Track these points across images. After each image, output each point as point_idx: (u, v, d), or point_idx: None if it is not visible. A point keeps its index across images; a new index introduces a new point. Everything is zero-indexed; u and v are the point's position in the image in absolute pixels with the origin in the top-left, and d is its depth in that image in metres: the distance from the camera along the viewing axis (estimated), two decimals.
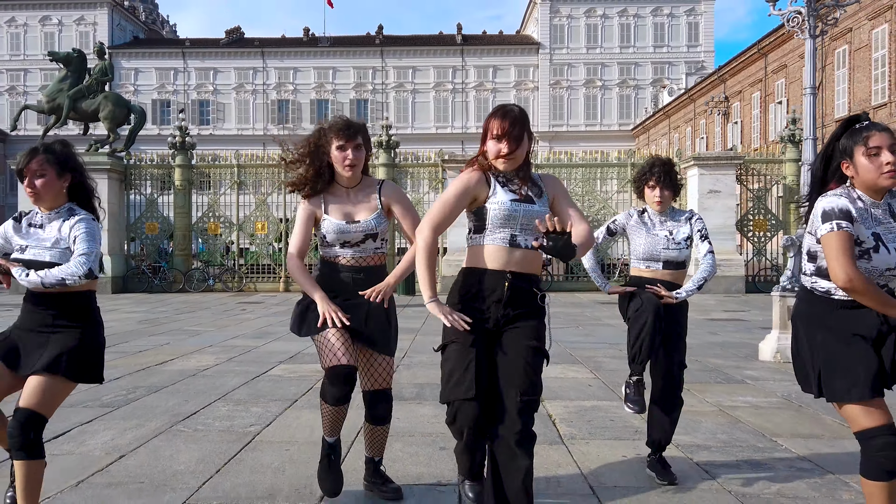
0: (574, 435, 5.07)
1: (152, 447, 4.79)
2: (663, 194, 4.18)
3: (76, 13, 66.83)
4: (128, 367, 7.95)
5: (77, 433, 5.17)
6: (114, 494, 3.87)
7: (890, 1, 30.55)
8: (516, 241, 3.03)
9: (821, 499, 3.81)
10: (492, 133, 3.07)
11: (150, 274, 22.10)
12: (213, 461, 4.48)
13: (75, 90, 21.95)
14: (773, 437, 5.05)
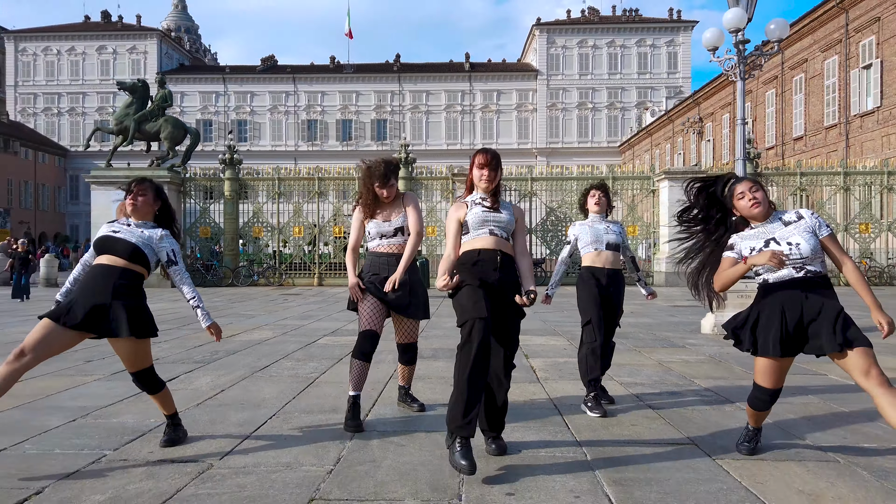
0: (547, 378, 6.26)
1: (242, 386, 5.94)
2: (601, 200, 5.33)
3: (129, 43, 67.96)
4: (206, 339, 9.08)
5: (184, 378, 6.31)
6: (226, 410, 5.02)
7: (839, 35, 31.42)
8: (494, 232, 3.86)
9: (711, 410, 4.97)
10: (478, 163, 3.89)
11: (203, 271, 23.20)
12: (289, 393, 5.63)
13: (140, 114, 22.86)
14: (692, 378, 6.22)
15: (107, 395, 5.52)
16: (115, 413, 4.93)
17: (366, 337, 4.51)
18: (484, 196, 3.93)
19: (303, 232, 23.37)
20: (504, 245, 3.86)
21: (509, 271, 3.83)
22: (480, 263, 3.78)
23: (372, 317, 4.55)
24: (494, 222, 3.86)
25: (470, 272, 3.77)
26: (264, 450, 4.00)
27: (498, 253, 3.80)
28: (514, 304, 3.79)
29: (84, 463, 3.74)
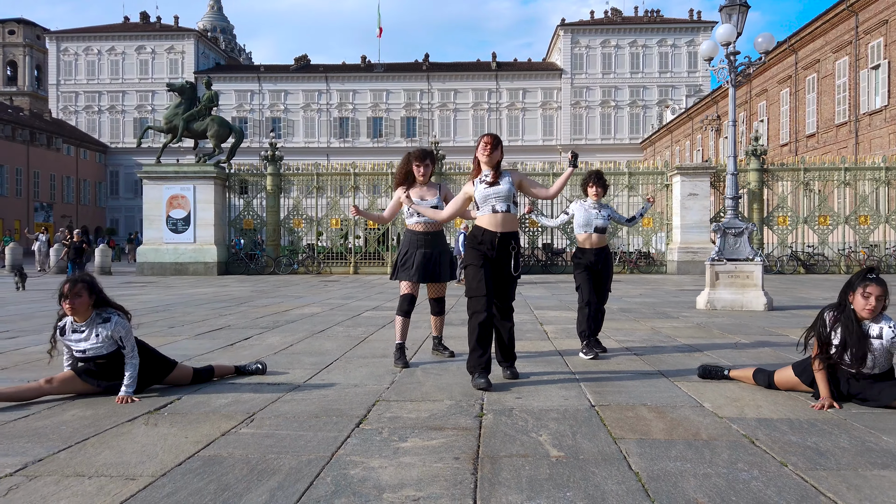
0: (556, 337, 7.42)
1: (306, 343, 7.15)
2: (597, 191, 6.37)
3: (167, 43, 69.61)
4: (265, 313, 10.37)
5: (257, 338, 7.53)
6: (299, 356, 6.23)
7: (850, 37, 32.07)
8: (496, 209, 4.79)
9: (685, 357, 6.09)
10: (482, 143, 4.91)
11: (247, 260, 24.50)
12: (346, 346, 6.85)
13: (188, 114, 23.88)
14: (676, 337, 7.35)
15: (199, 348, 6.77)
16: (211, 358, 6.17)
17: (405, 299, 5.72)
18: (487, 172, 4.89)
19: (339, 224, 24.57)
20: (504, 221, 4.80)
21: (504, 247, 4.79)
22: (483, 243, 4.79)
23: (409, 285, 5.72)
24: (495, 196, 4.79)
25: (475, 251, 4.81)
26: (336, 377, 5.22)
27: (497, 235, 4.76)
28: (509, 271, 4.84)
29: (202, 384, 4.97)
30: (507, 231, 4.81)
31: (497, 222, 4.79)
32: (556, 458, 3.17)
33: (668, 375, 5.22)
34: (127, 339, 4.52)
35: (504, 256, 4.81)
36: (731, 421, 3.85)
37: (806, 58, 36.66)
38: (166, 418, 3.98)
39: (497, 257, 4.79)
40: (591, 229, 6.31)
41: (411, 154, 5.76)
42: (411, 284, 5.72)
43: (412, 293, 5.74)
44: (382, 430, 3.69)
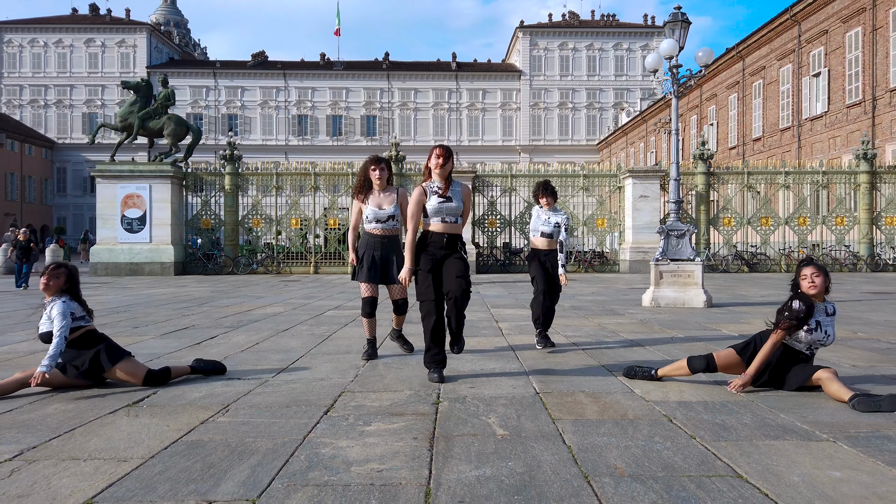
0: (510, 333, 7.92)
1: (272, 340, 7.54)
2: (547, 199, 6.89)
3: (118, 36, 68.31)
4: (228, 313, 10.69)
5: (222, 338, 7.86)
6: (265, 353, 6.63)
7: (793, 45, 33.40)
8: (445, 220, 5.16)
9: (625, 351, 6.63)
10: (435, 154, 5.18)
11: (205, 260, 24.55)
12: (310, 343, 7.26)
13: (144, 112, 23.77)
14: (619, 333, 7.92)
15: (166, 347, 7.12)
16: (180, 357, 6.53)
17: (366, 302, 6.10)
18: (440, 185, 5.21)
19: (299, 223, 24.80)
20: (451, 228, 5.21)
21: (452, 245, 5.21)
22: (430, 245, 5.17)
23: (369, 287, 6.10)
24: (446, 211, 5.17)
25: (423, 258, 5.16)
26: (302, 372, 5.64)
27: (445, 236, 5.17)
28: (455, 266, 5.12)
29: (175, 380, 5.35)
30: (453, 233, 5.24)
31: (446, 228, 5.21)
32: (502, 437, 3.65)
33: (607, 367, 5.75)
34: (58, 318, 4.87)
35: (451, 254, 5.21)
36: (655, 404, 4.38)
37: (753, 64, 37.98)
38: (145, 410, 4.36)
39: (443, 256, 5.19)
40: (537, 234, 6.95)
41: (368, 160, 6.16)
42: (369, 286, 6.10)
43: (371, 295, 6.10)
44: (348, 416, 4.13)
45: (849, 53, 29.33)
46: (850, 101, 29.28)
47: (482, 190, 24.56)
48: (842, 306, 11.10)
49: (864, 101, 28.29)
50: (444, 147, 5.29)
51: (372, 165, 6.06)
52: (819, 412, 4.18)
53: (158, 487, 2.97)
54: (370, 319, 6.17)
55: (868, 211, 23.84)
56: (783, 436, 3.65)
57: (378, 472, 3.11)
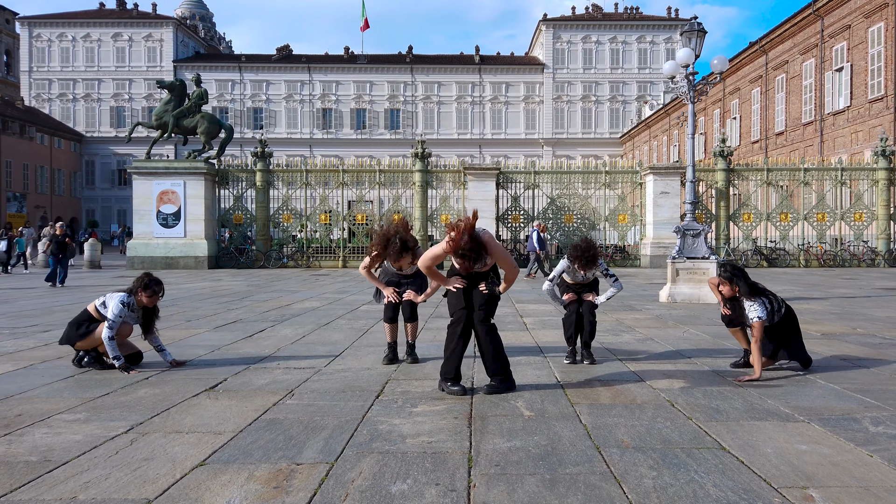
0: (534, 328, 8.66)
1: (316, 335, 8.30)
2: (584, 267, 6.21)
3: (145, 31, 69.25)
4: (269, 307, 11.49)
5: (270, 331, 8.64)
6: (313, 346, 7.40)
7: (816, 40, 33.62)
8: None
9: (638, 344, 7.34)
10: (457, 254, 4.83)
11: (237, 254, 25.44)
12: (351, 337, 8.01)
13: (178, 111, 24.78)
14: (635, 328, 8.61)
15: (223, 339, 7.91)
16: (237, 348, 7.31)
17: (389, 306, 6.33)
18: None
19: (328, 218, 25.60)
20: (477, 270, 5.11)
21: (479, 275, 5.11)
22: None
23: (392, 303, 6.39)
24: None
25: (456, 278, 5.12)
26: (350, 362, 6.40)
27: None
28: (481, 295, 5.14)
29: (240, 369, 6.12)
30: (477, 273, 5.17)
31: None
32: (528, 417, 4.38)
33: (621, 359, 6.46)
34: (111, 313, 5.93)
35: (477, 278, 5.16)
36: (661, 391, 5.10)
37: (775, 59, 38.23)
38: (223, 394, 5.14)
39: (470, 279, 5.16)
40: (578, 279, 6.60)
41: (389, 249, 5.78)
42: (391, 303, 6.31)
43: (393, 302, 6.30)
44: (397, 400, 4.89)
45: (871, 48, 29.57)
46: (872, 95, 29.54)
47: (505, 185, 25.22)
48: (850, 302, 11.71)
49: (887, 97, 28.55)
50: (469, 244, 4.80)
51: (393, 258, 5.85)
52: (802, 398, 4.87)
53: (254, 454, 3.73)
54: (392, 325, 6.38)
55: (886, 207, 24.24)
56: (766, 417, 4.35)
57: (428, 443, 3.85)
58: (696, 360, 6.45)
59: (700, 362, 6.31)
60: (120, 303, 5.93)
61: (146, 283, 6.05)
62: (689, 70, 12.26)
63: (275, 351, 7.05)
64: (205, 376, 5.79)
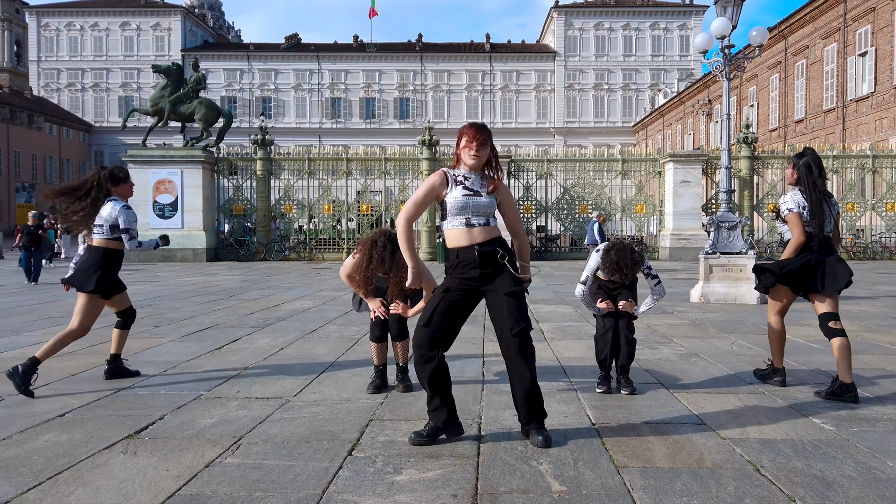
0: (553, 337, 7.27)
1: (297, 346, 6.97)
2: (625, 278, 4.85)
3: (153, 19, 68.09)
4: (255, 308, 10.18)
5: (245, 341, 7.32)
6: (289, 363, 6.06)
7: (838, 24, 32.05)
8: (471, 222, 3.64)
9: (682, 362, 5.97)
10: (466, 137, 3.68)
11: (237, 246, 24.21)
12: (338, 350, 6.68)
13: (175, 96, 23.40)
14: (672, 338, 7.23)
15: (185, 352, 6.58)
16: (196, 365, 5.98)
17: (375, 324, 5.01)
18: (468, 174, 3.74)
19: (332, 209, 24.33)
20: (482, 234, 3.66)
21: (490, 259, 3.66)
22: (460, 266, 3.69)
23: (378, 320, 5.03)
24: (473, 209, 3.66)
25: (451, 278, 3.74)
26: (328, 389, 5.05)
27: (475, 248, 3.64)
28: (506, 283, 3.65)
29: (187, 399, 4.79)
30: (486, 239, 3.68)
31: (472, 236, 3.67)
32: (559, 494, 3.02)
33: (667, 385, 5.09)
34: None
35: (491, 273, 3.68)
36: (734, 443, 3.72)
37: (795, 44, 36.57)
38: (147, 444, 3.80)
39: (480, 278, 3.69)
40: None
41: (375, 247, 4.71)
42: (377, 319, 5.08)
43: (381, 317, 5.04)
44: (376, 458, 3.53)
45: None
46: None
47: (517, 175, 23.84)
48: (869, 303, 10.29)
49: None
50: (479, 127, 3.74)
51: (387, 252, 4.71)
52: None
53: None
54: (380, 345, 5.06)
55: None
56: None
57: None
58: (761, 387, 5.08)
59: (769, 391, 4.93)
60: (124, 208, 5.14)
61: (111, 175, 5.27)
62: (725, 42, 10.79)
63: (241, 370, 5.73)
64: (137, 411, 4.48)
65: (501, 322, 3.64)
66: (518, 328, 3.59)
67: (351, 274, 4.89)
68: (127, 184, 5.33)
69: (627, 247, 4.89)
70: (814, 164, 4.81)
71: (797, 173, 4.84)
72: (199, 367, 5.87)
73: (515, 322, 3.60)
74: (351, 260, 4.88)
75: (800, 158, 4.86)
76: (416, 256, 3.79)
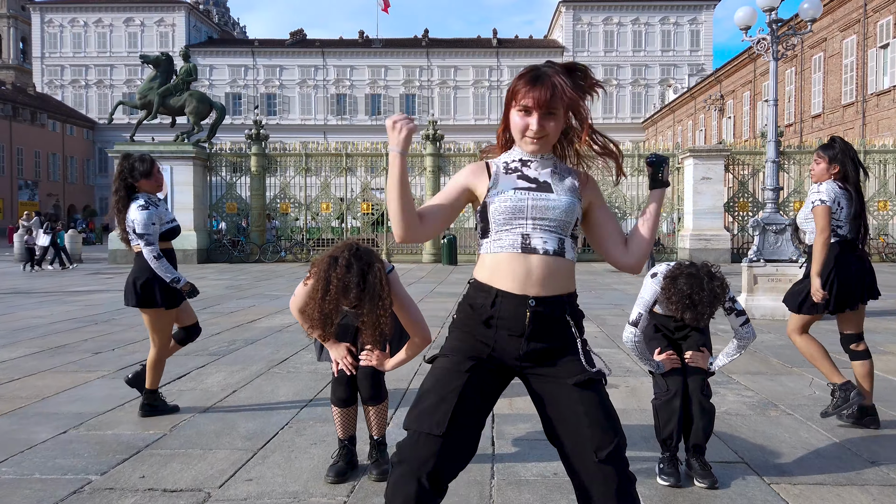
0: None
1: (256, 385, 5.42)
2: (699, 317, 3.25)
3: (157, 15, 66.82)
4: (226, 325, 8.62)
5: (194, 376, 5.78)
6: (235, 418, 4.50)
7: (858, 15, 30.62)
8: (530, 244, 1.98)
9: (756, 417, 4.40)
10: (517, 101, 2.02)
11: (230, 247, 22.70)
12: (305, 392, 5.13)
13: (164, 88, 21.90)
14: (732, 375, 5.66)
15: (109, 399, 5.01)
16: (112, 422, 4.43)
17: (339, 382, 3.43)
18: (528, 158, 2.09)
19: (330, 208, 22.85)
20: (546, 272, 1.99)
21: (549, 327, 2.00)
22: (498, 321, 2.00)
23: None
24: (539, 214, 2.00)
25: (469, 333, 2.05)
26: (270, 472, 3.49)
27: (528, 302, 1.97)
28: (572, 365, 1.99)
29: (64, 493, 3.23)
30: (552, 291, 2.01)
31: (527, 274, 2.00)
32: None
33: (756, 467, 3.52)
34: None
35: (550, 349, 2.02)
36: None
37: (812, 36, 34.89)
38: None
39: (527, 355, 2.02)
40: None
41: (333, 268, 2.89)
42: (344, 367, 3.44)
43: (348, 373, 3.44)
44: None
45: None
46: None
47: None
48: None
49: None
50: (542, 73, 2.01)
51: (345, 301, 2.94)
52: None
53: None
54: (346, 410, 3.48)
55: None
56: None
57: None
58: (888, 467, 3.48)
59: None
60: (139, 208, 4.34)
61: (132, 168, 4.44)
62: (773, 16, 9.17)
63: (165, 432, 4.16)
64: None
65: (574, 435, 1.96)
66: (608, 449, 1.93)
67: (303, 308, 3.26)
68: (151, 178, 4.49)
69: (702, 271, 3.30)
70: (857, 159, 4.27)
71: (838, 168, 4.21)
72: (111, 426, 4.33)
73: (603, 438, 1.93)
74: (302, 287, 3.24)
75: (833, 150, 4.24)
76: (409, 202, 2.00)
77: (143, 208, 4.35)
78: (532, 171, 2.07)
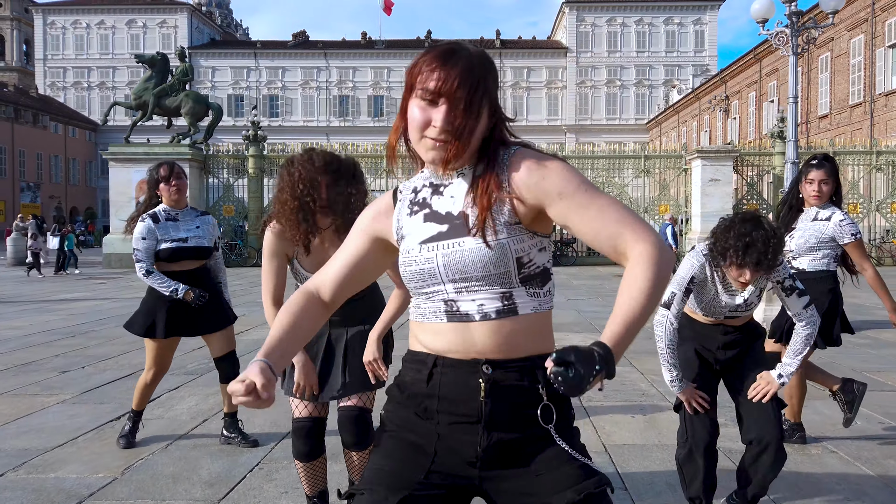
0: (592, 401, 5.02)
1: None
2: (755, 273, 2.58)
3: (159, 17, 66.20)
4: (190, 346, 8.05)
5: (165, 400, 5.24)
6: (199, 456, 3.92)
7: (866, 14, 30.16)
8: (458, 310, 1.37)
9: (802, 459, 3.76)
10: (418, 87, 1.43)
11: (227, 251, 22.07)
12: (283, 423, 4.48)
13: (159, 89, 21.51)
14: None
15: (61, 430, 4.43)
16: (57, 462, 3.84)
17: (302, 429, 2.81)
18: (440, 182, 1.46)
19: None
20: (505, 336, 1.36)
21: (517, 405, 1.36)
22: (440, 404, 1.39)
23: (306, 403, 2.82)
24: (456, 275, 1.36)
25: (397, 439, 1.45)
26: None
27: (482, 368, 1.35)
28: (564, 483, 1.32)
29: None
30: (512, 357, 1.37)
31: (471, 340, 1.37)
32: None
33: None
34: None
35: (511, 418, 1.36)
36: None
37: (819, 36, 34.44)
38: None
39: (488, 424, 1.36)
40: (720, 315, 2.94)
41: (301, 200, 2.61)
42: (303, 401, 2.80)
43: (311, 414, 2.80)
44: None
45: None
46: None
47: None
48: None
49: None
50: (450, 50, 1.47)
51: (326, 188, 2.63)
52: None
53: None
54: (311, 464, 2.85)
55: None
56: None
57: None
58: None
59: None
60: (140, 220, 4.00)
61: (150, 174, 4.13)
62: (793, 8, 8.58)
63: (112, 479, 3.59)
64: None
65: None
66: None
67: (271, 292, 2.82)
68: (166, 185, 4.05)
69: (761, 220, 2.61)
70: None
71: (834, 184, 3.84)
72: (55, 467, 3.75)
73: None
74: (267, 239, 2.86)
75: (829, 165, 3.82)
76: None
77: (142, 220, 4.00)
78: (444, 201, 1.40)
